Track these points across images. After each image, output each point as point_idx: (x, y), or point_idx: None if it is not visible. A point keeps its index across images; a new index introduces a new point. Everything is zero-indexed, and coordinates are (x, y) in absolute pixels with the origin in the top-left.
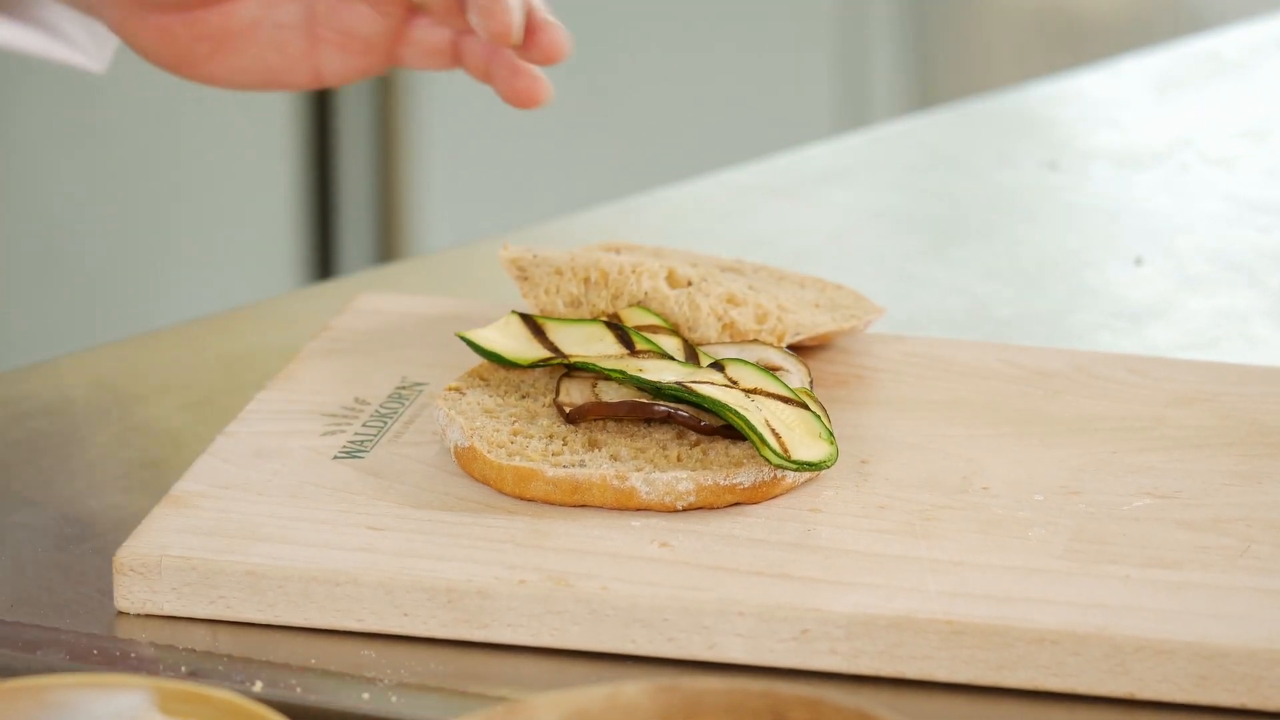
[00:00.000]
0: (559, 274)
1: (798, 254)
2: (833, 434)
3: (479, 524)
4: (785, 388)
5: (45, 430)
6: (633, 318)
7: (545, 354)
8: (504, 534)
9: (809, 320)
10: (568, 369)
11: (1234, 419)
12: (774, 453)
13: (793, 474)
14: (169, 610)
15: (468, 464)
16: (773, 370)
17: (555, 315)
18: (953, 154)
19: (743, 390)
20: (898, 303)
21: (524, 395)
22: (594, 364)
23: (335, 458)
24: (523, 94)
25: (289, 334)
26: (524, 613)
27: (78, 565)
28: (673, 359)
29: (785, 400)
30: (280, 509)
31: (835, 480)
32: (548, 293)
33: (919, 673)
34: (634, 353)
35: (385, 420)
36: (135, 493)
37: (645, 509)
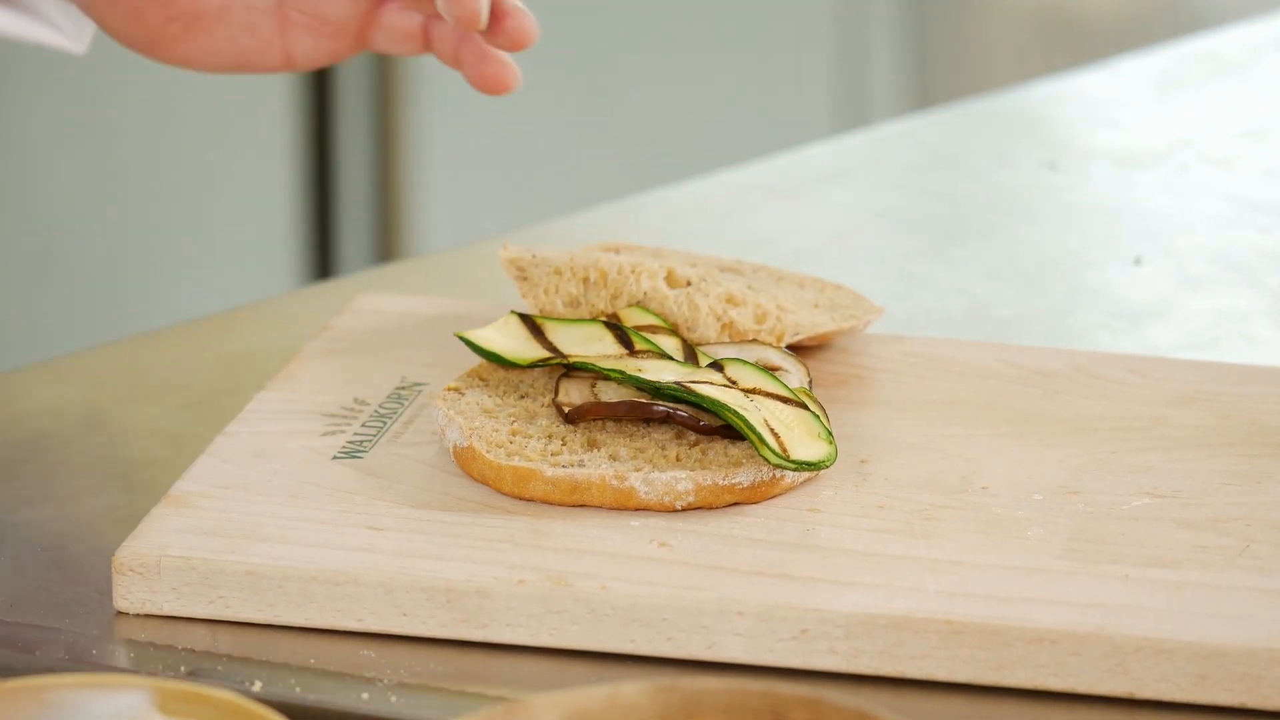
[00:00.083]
0: (558, 274)
1: (797, 254)
2: (832, 434)
3: (478, 524)
4: (784, 388)
5: (45, 430)
6: (632, 318)
7: (544, 354)
8: (503, 534)
9: (808, 320)
10: (567, 369)
11: (1234, 419)
12: (773, 452)
13: (792, 474)
14: (168, 610)
15: (467, 464)
16: (772, 370)
17: (554, 315)
18: (953, 154)
19: (742, 390)
20: (897, 303)
21: (523, 395)
22: (593, 364)
23: (335, 458)
24: (491, 80)
25: (289, 334)
26: (523, 612)
27: (78, 565)
28: (672, 359)
29: (784, 400)
30: (280, 509)
31: (834, 480)
32: (547, 293)
33: (918, 672)
34: (633, 353)
35: (385, 420)
36: (135, 493)
37: (644, 509)
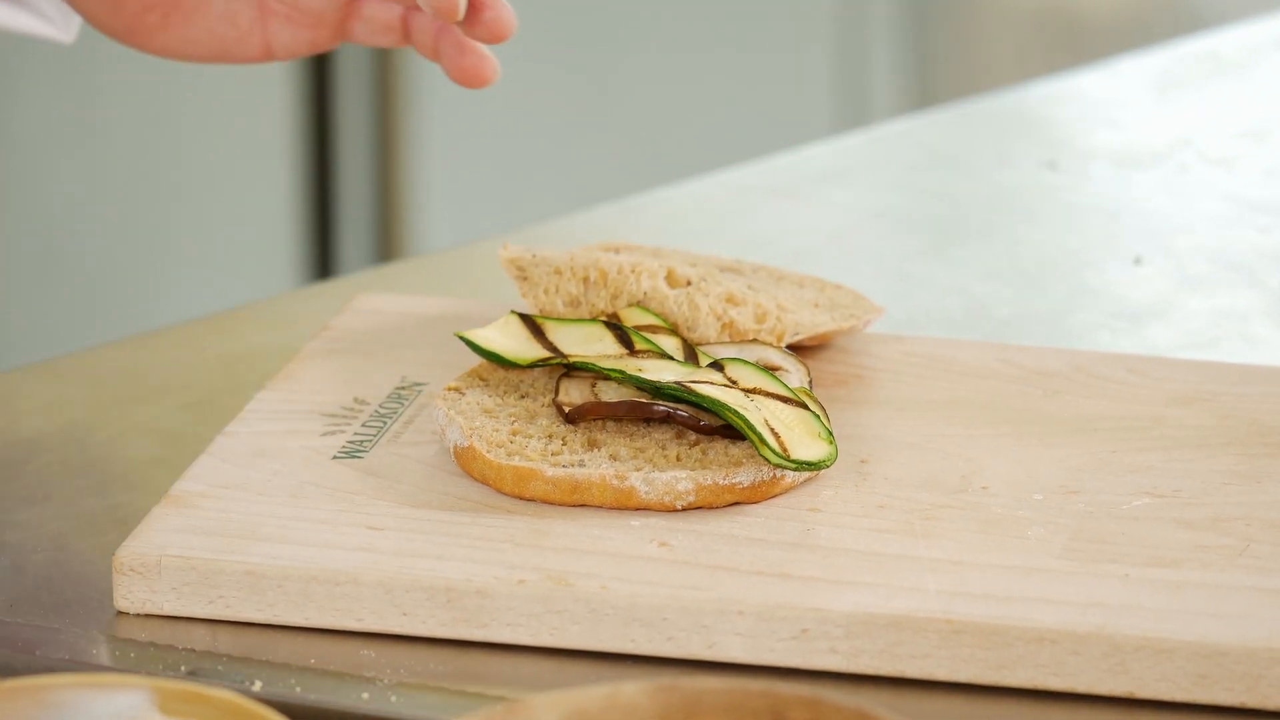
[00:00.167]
0: (558, 274)
1: (797, 254)
2: (832, 433)
3: (478, 524)
4: (784, 387)
5: (45, 430)
6: (632, 317)
7: (544, 354)
8: (503, 533)
9: (808, 320)
10: (567, 369)
11: (1234, 419)
12: (773, 452)
13: (792, 473)
14: (169, 610)
15: (467, 464)
16: (772, 370)
17: (554, 315)
18: (952, 154)
19: (742, 390)
20: (897, 302)
21: (523, 395)
22: (593, 364)
23: (335, 458)
24: (469, 72)
25: (289, 334)
26: (523, 612)
27: (78, 565)
28: (672, 359)
29: (784, 400)
30: (280, 509)
31: (834, 480)
32: (547, 292)
33: (918, 672)
34: (633, 352)
35: (385, 420)
36: (135, 492)
37: (645, 508)
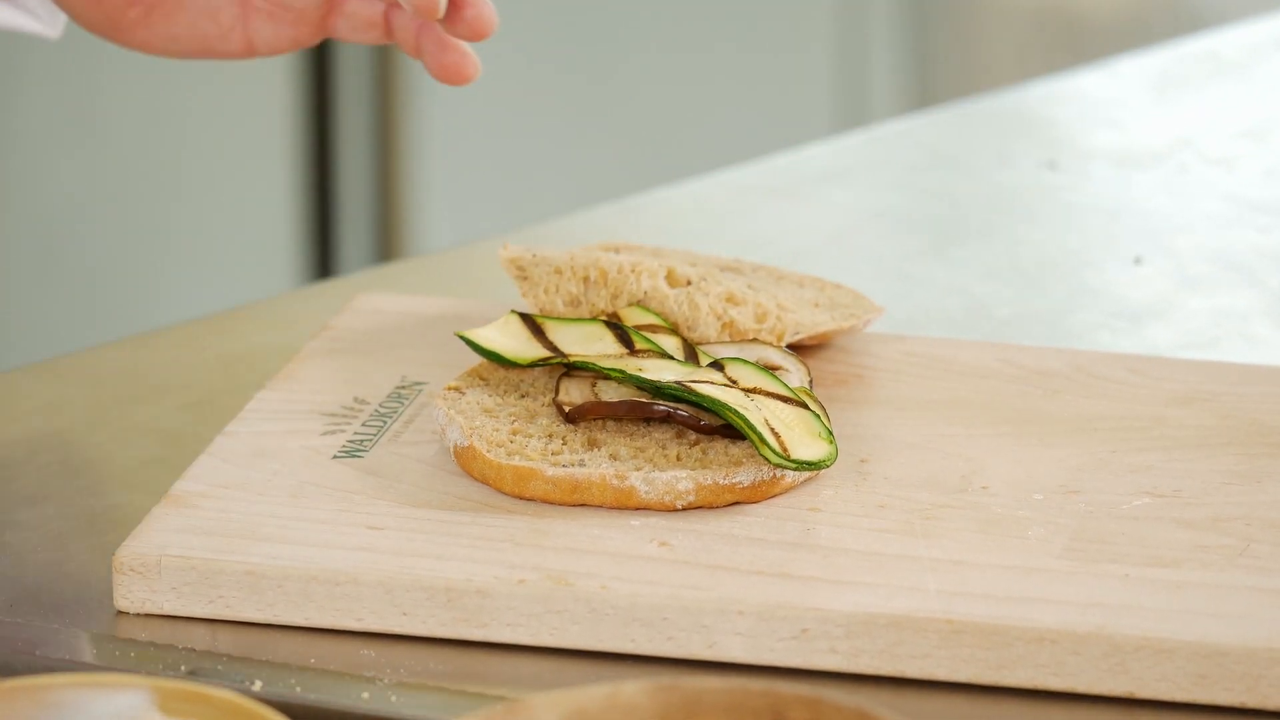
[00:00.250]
0: (558, 273)
1: (797, 254)
2: (832, 433)
3: (478, 523)
4: (785, 387)
5: (45, 430)
6: (632, 317)
7: (545, 353)
8: (503, 533)
9: (808, 319)
10: (567, 368)
11: (1234, 419)
12: (773, 452)
13: (792, 473)
14: (168, 610)
15: (467, 463)
16: (772, 369)
17: (555, 315)
18: (952, 154)
19: (742, 389)
20: (897, 302)
21: (523, 395)
22: (593, 363)
23: (335, 457)
24: (450, 70)
25: (289, 334)
26: (523, 612)
27: (77, 565)
28: (672, 358)
29: (784, 399)
30: (280, 509)
31: (835, 479)
32: (547, 292)
33: (919, 672)
34: (633, 352)
35: (385, 420)
36: (135, 492)
37: (645, 508)
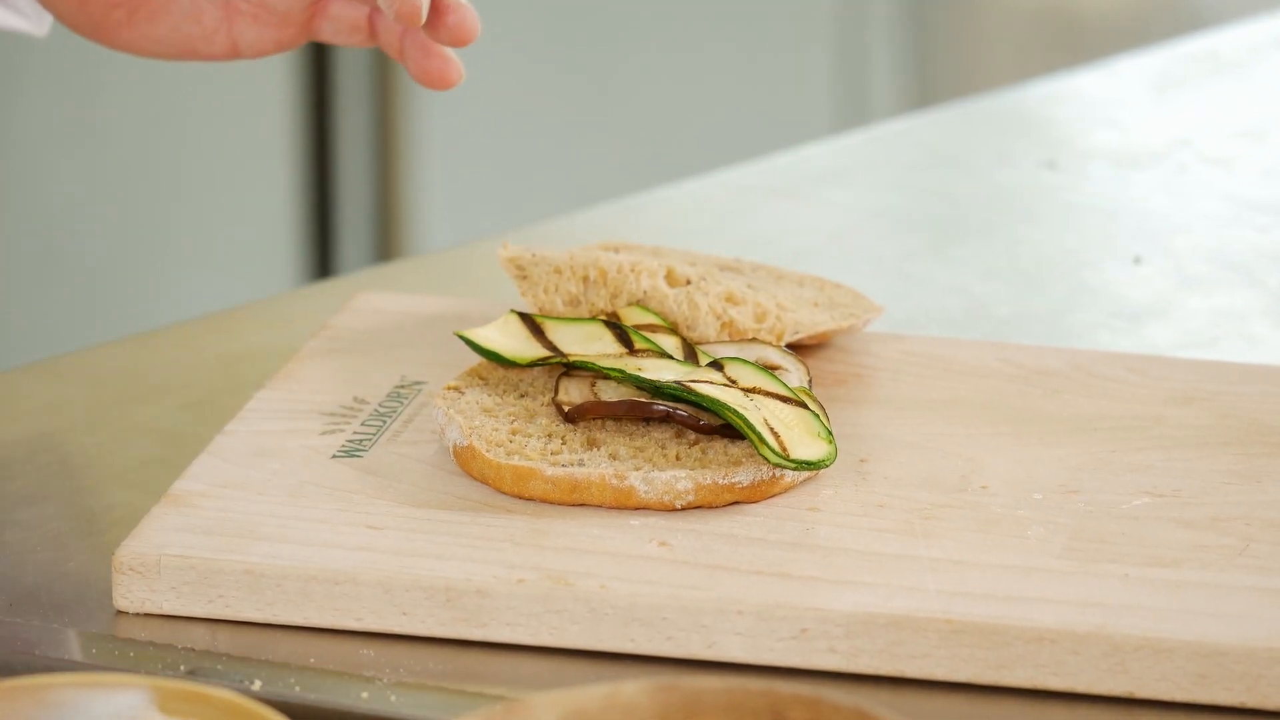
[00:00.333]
0: (558, 273)
1: (797, 254)
2: (831, 433)
3: (478, 523)
4: (784, 386)
5: (45, 430)
6: (631, 317)
7: (544, 353)
8: (503, 533)
9: (808, 319)
10: (566, 368)
11: (1233, 418)
12: (773, 451)
13: (791, 473)
14: (168, 609)
15: (466, 463)
16: (771, 369)
17: (554, 314)
18: (952, 153)
19: (741, 389)
20: (897, 302)
21: (523, 394)
22: (593, 363)
23: (334, 457)
24: (433, 75)
25: (288, 333)
26: (523, 611)
27: (77, 565)
28: (671, 358)
29: (784, 399)
30: (279, 508)
31: (834, 479)
32: (546, 291)
33: (918, 671)
34: (633, 352)
35: (384, 419)
36: (134, 492)
37: (644, 508)
